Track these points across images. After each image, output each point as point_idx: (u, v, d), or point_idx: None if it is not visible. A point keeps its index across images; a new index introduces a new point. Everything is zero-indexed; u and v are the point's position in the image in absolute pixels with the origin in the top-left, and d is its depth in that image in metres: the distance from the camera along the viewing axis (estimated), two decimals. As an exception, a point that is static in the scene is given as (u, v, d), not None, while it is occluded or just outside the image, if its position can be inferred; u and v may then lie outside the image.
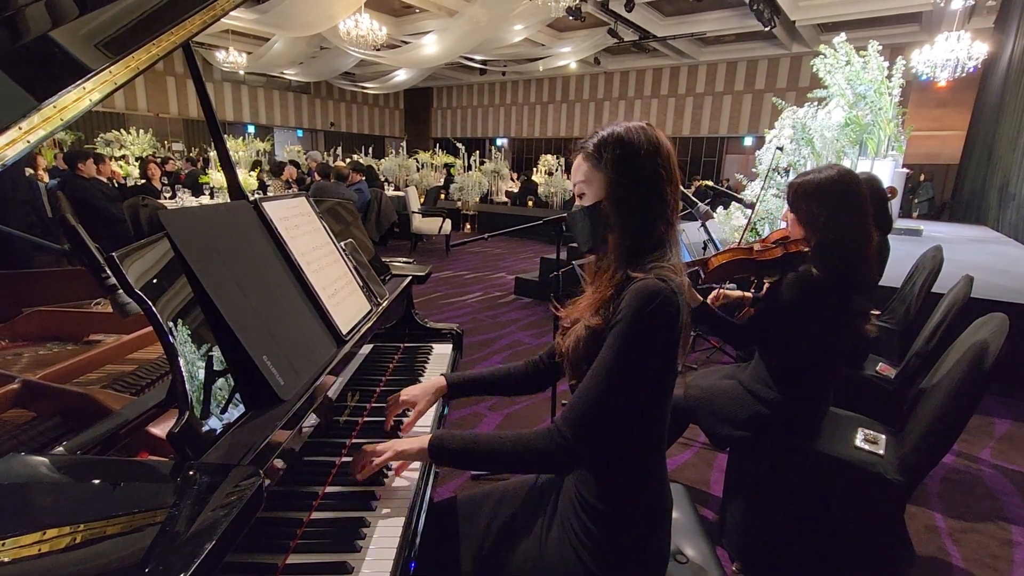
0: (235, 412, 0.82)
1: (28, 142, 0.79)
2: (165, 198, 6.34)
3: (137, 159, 9.65)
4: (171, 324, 0.76)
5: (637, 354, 0.91)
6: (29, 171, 6.21)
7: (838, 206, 1.57)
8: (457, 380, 1.25)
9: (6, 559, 0.51)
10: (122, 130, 12.50)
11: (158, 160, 8.76)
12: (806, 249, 1.67)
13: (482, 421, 2.74)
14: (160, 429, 0.82)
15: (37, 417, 0.90)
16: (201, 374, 0.78)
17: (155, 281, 0.79)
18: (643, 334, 0.90)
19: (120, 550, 0.56)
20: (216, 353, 0.83)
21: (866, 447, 1.65)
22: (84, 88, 0.87)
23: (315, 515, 0.93)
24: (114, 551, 0.55)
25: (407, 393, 1.23)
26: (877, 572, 1.62)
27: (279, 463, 0.82)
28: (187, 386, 0.73)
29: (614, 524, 0.98)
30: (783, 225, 1.86)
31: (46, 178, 6.46)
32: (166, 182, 6.87)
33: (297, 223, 1.21)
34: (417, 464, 1.10)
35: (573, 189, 1.07)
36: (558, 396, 2.29)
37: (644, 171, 0.98)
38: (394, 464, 1.05)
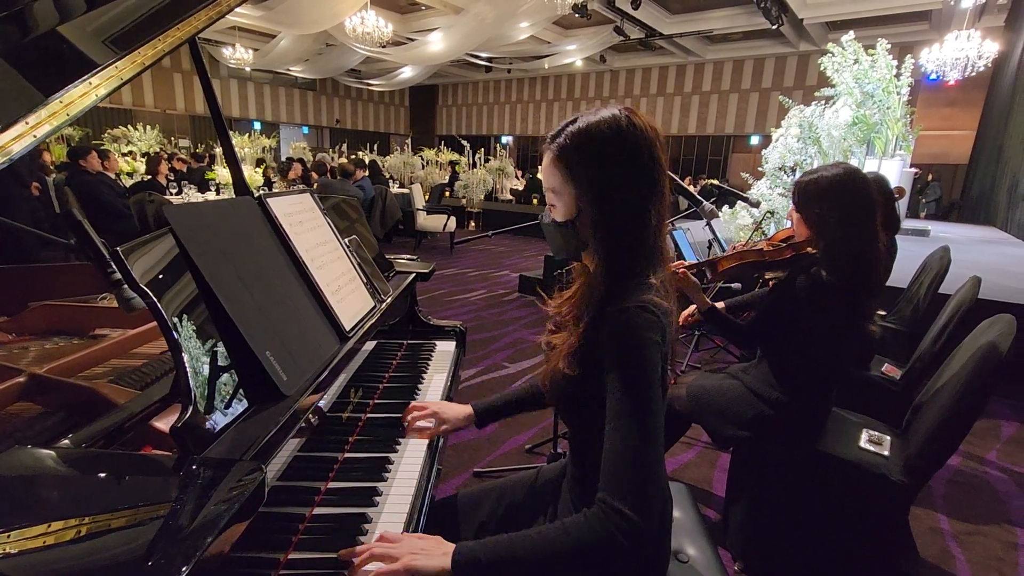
0: (238, 407, 0.82)
1: (35, 136, 0.79)
2: (171, 194, 6.37)
3: (143, 155, 9.69)
4: (175, 319, 0.77)
5: (649, 390, 0.80)
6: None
7: (847, 207, 1.54)
8: (484, 408, 1.24)
9: (12, 551, 0.52)
10: (129, 126, 12.57)
11: (166, 155, 8.80)
12: (814, 251, 1.64)
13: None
14: (164, 424, 0.82)
15: (43, 411, 0.91)
16: (205, 369, 0.79)
17: (159, 276, 0.79)
18: (643, 373, 0.80)
19: (123, 544, 0.56)
20: (220, 348, 0.83)
21: (870, 448, 1.64)
22: (90, 83, 0.88)
23: (317, 511, 0.93)
24: (117, 545, 0.56)
25: (442, 409, 1.20)
26: (881, 574, 1.61)
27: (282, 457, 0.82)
28: (190, 381, 0.73)
29: None
30: (788, 224, 1.84)
31: (54, 173, 6.50)
32: (172, 178, 6.89)
33: (301, 219, 1.21)
34: (419, 461, 1.10)
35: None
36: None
37: (624, 185, 0.83)
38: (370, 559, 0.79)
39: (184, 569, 0.50)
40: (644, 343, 0.80)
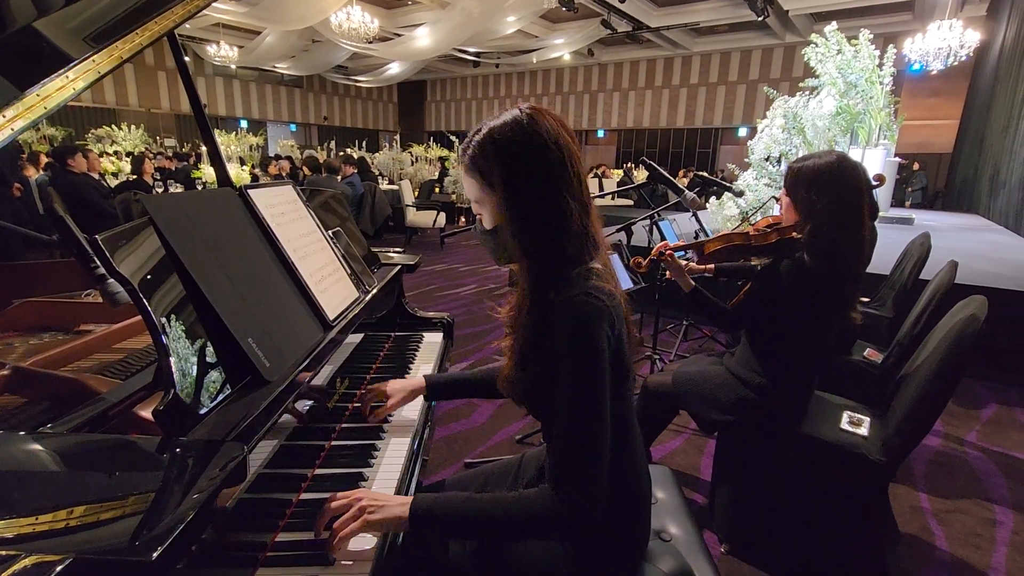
0: (221, 393, 0.83)
1: (12, 129, 0.80)
2: (157, 193, 6.32)
3: (128, 154, 9.59)
4: (156, 305, 0.78)
5: (597, 382, 0.81)
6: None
7: (837, 193, 1.55)
8: (437, 381, 1.23)
9: (9, 535, 0.53)
10: (113, 126, 12.42)
11: (152, 154, 8.73)
12: (798, 236, 1.66)
13: (476, 410, 2.76)
14: (148, 411, 0.83)
15: (27, 402, 0.91)
16: (187, 354, 0.80)
17: (139, 265, 0.80)
18: (591, 359, 0.81)
19: (108, 524, 0.57)
20: (204, 336, 0.84)
21: (851, 429, 1.68)
22: (67, 77, 0.88)
23: (304, 496, 0.95)
24: (101, 525, 0.57)
25: (389, 385, 1.21)
26: (862, 551, 1.65)
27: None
28: (172, 366, 0.74)
29: None
30: (774, 212, 1.86)
31: (33, 173, 6.41)
32: (158, 177, 6.85)
33: (283, 211, 1.22)
34: (404, 449, 1.12)
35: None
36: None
37: (532, 180, 0.84)
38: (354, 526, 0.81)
39: (160, 547, 0.51)
40: (591, 332, 0.81)
